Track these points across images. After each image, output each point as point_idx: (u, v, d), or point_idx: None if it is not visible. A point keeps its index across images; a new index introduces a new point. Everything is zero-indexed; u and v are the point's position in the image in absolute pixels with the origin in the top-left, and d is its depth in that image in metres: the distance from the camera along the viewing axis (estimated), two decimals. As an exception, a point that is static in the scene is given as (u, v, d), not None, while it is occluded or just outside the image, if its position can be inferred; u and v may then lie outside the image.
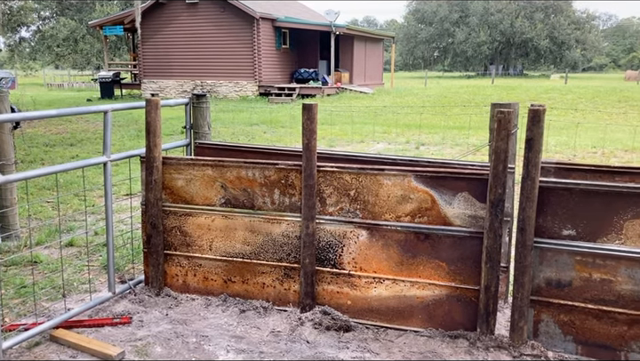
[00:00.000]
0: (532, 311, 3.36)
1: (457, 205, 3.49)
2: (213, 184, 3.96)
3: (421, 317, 3.63)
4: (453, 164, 3.91)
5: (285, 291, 3.93)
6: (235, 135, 13.44)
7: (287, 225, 3.84)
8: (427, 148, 11.62)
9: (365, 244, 3.70)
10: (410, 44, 67.19)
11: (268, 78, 25.67)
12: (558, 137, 12.44)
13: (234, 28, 25.27)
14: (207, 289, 4.10)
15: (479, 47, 61.14)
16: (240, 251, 3.97)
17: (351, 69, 28.10)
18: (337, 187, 3.71)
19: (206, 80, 26.44)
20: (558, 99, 21.83)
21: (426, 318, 3.62)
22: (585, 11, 66.81)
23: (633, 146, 11.17)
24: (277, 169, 3.80)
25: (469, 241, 3.47)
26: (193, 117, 4.60)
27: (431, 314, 3.61)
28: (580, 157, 10.15)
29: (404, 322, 3.67)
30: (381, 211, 3.64)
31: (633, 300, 3.14)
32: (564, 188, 3.21)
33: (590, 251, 3.19)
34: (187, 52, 26.48)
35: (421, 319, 3.63)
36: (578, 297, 3.25)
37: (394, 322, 3.68)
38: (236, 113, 18.52)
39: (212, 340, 3.50)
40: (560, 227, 3.25)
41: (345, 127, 14.65)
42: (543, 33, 59.36)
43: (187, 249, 4.10)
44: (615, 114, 17.78)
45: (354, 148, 11.47)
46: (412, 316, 3.65)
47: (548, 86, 28.42)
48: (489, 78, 43.84)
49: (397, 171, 3.59)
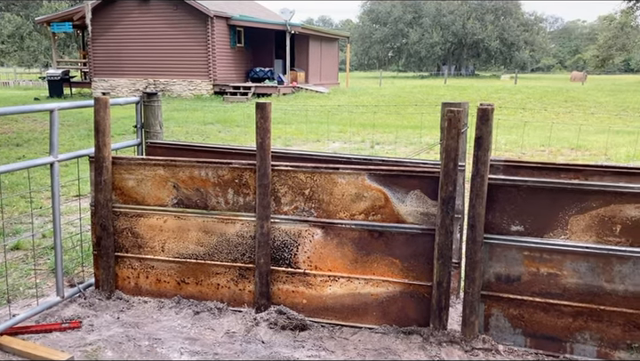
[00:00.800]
0: (482, 306, 3.44)
1: (409, 203, 3.54)
2: (165, 184, 3.90)
3: (376, 314, 3.66)
4: (406, 163, 3.96)
5: (240, 291, 3.89)
6: (189, 134, 13.25)
7: (241, 225, 3.81)
8: (381, 147, 11.75)
9: (320, 243, 3.70)
10: (365, 44, 67.80)
11: (222, 77, 25.41)
12: (508, 136, 12.78)
13: (187, 26, 24.91)
14: (160, 291, 4.03)
15: (432, 48, 62.25)
16: (193, 252, 3.92)
17: (307, 69, 28.13)
18: (292, 186, 3.71)
19: (159, 78, 25.97)
20: (508, 98, 22.45)
21: (380, 315, 3.66)
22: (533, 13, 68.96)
23: (578, 144, 11.60)
24: (231, 168, 3.77)
25: (422, 238, 3.53)
26: (144, 116, 4.51)
27: (385, 311, 3.65)
28: (528, 155, 10.46)
29: (358, 319, 3.69)
30: (336, 209, 3.66)
31: (577, 293, 3.25)
32: (511, 185, 3.30)
33: (538, 246, 3.29)
34: (139, 50, 25.94)
35: (376, 316, 3.67)
36: (526, 291, 3.35)
37: (349, 319, 3.71)
38: (190, 112, 18.25)
39: (165, 343, 3.44)
40: (509, 223, 3.34)
41: (301, 126, 14.65)
42: (493, 34, 60.93)
43: (138, 251, 4.01)
44: (562, 113, 18.41)
45: (310, 147, 11.49)
46: (367, 314, 3.68)
47: (499, 86, 29.19)
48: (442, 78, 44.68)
49: (351, 169, 3.62)
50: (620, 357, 3.22)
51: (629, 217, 3.11)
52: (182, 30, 25.03)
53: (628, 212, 3.11)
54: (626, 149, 10.86)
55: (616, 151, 10.81)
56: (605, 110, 19.20)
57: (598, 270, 3.19)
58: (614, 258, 3.15)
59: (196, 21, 24.63)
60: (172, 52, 25.44)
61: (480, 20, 61.57)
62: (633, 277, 3.13)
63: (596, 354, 3.27)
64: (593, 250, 3.18)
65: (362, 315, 3.69)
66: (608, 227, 3.15)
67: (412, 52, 64.64)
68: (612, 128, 14.34)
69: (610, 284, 3.18)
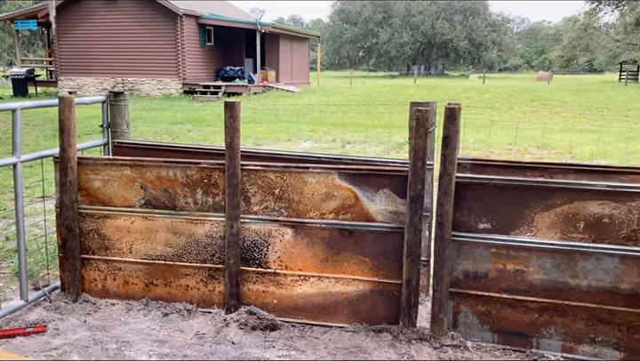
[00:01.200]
0: (451, 303, 3.48)
1: (379, 202, 3.56)
2: (132, 185, 3.84)
3: (346, 313, 3.68)
4: (376, 162, 3.98)
5: (210, 292, 3.86)
6: (158, 134, 13.08)
7: (211, 225, 3.78)
8: (352, 146, 11.79)
9: (291, 243, 3.70)
10: (335, 43, 67.97)
11: (192, 76, 25.16)
12: (476, 134, 12.97)
13: (156, 25, 24.58)
14: (128, 293, 3.96)
15: (402, 48, 62.77)
16: (162, 253, 3.87)
17: (277, 68, 28.06)
18: (261, 185, 3.69)
19: (128, 77, 25.57)
20: (476, 98, 22.77)
21: (350, 314, 3.67)
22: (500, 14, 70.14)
23: (544, 143, 11.83)
24: (200, 168, 3.73)
25: (391, 236, 3.55)
26: (111, 116, 4.43)
27: (355, 309, 3.66)
28: (496, 154, 10.63)
29: (329, 318, 3.70)
30: (306, 209, 3.66)
31: (543, 289, 3.32)
32: (478, 183, 3.35)
33: (504, 243, 3.34)
34: (107, 48, 25.49)
35: (346, 315, 3.68)
36: (493, 288, 3.40)
37: (319, 319, 3.71)
38: (159, 111, 18.03)
39: (133, 346, 3.39)
40: (476, 220, 3.39)
41: (272, 126, 14.60)
42: (462, 34, 61.76)
43: (105, 252, 3.94)
44: (528, 112, 18.76)
45: (281, 146, 11.46)
46: (337, 313, 3.69)
47: (467, 86, 29.59)
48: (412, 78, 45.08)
49: (321, 169, 3.62)
50: (584, 351, 3.30)
51: (592, 214, 3.18)
52: (151, 29, 24.70)
53: (590, 209, 3.18)
54: (590, 148, 11.13)
55: (580, 149, 11.07)
56: (570, 109, 19.64)
57: (563, 266, 3.26)
58: (578, 254, 3.23)
59: (165, 20, 24.33)
60: (141, 50, 25.07)
61: (449, 21, 62.35)
62: (596, 273, 3.21)
63: (561, 348, 3.34)
64: (558, 246, 3.25)
65: (332, 314, 3.69)
66: (572, 223, 3.22)
67: (383, 52, 65.08)
68: (576, 127, 14.68)
69: (574, 279, 3.25)
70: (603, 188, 3.14)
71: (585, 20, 45.52)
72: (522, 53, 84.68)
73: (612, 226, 3.16)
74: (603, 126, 13.94)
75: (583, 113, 18.74)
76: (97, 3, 25.00)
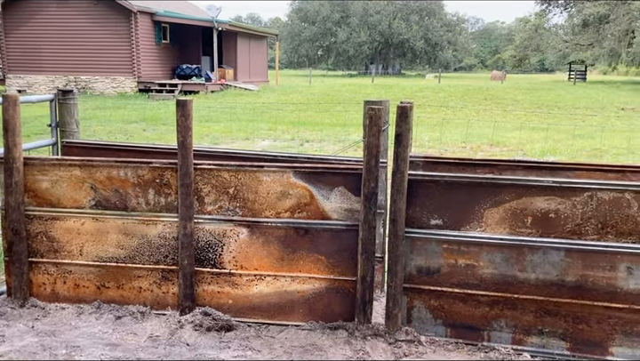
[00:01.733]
0: (405, 299, 3.53)
1: (334, 200, 3.58)
2: (82, 185, 3.74)
3: (302, 311, 3.68)
4: (331, 160, 4.00)
5: (164, 294, 3.80)
6: (112, 134, 12.79)
7: (164, 226, 3.72)
8: (311, 144, 11.81)
9: (246, 242, 3.68)
10: (294, 42, 67.87)
11: (147, 74, 24.70)
12: (431, 133, 13.19)
13: (109, 22, 24.02)
14: (79, 297, 3.86)
15: (360, 47, 63.21)
16: (114, 255, 3.79)
17: (235, 66, 27.85)
18: (215, 185, 3.66)
19: (81, 76, 24.92)
20: (432, 97, 23.15)
21: (307, 312, 3.68)
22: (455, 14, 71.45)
23: (496, 140, 12.13)
24: (151, 168, 3.67)
25: (346, 234, 3.57)
26: (59, 115, 4.31)
27: (312, 307, 3.67)
28: (450, 152, 10.83)
29: (285, 317, 3.70)
30: (261, 208, 3.64)
31: (493, 283, 3.40)
32: (430, 180, 3.40)
33: (456, 238, 3.41)
34: (58, 45, 24.75)
35: (302, 313, 3.68)
36: (446, 282, 3.46)
37: (275, 318, 3.70)
38: (113, 110, 17.63)
39: (84, 351, 3.31)
40: (428, 217, 3.45)
41: (230, 124, 14.48)
42: (418, 34, 62.64)
43: (54, 255, 3.83)
44: (482, 110, 19.19)
45: (239, 145, 11.38)
46: (294, 311, 3.69)
47: (423, 85, 30.05)
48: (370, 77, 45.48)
49: (276, 167, 3.61)
50: (533, 342, 3.40)
51: (539, 209, 3.28)
52: (104, 26, 24.12)
53: (538, 205, 3.28)
54: (540, 145, 11.47)
55: (531, 147, 11.39)
56: (522, 108, 20.19)
57: (512, 260, 3.35)
58: (526, 248, 3.32)
59: (119, 17, 23.80)
60: (94, 48, 24.46)
61: (405, 21, 63.13)
62: (543, 266, 3.31)
63: (511, 340, 3.43)
64: (506, 241, 3.34)
65: (288, 312, 3.69)
66: (520, 219, 3.32)
67: (341, 51, 65.38)
68: (527, 125, 15.11)
69: (522, 273, 3.35)
70: (549, 184, 3.24)
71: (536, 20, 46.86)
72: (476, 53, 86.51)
73: (557, 220, 3.27)
74: (552, 124, 14.40)
75: (534, 111, 19.29)
76: (47, -2, 24.25)
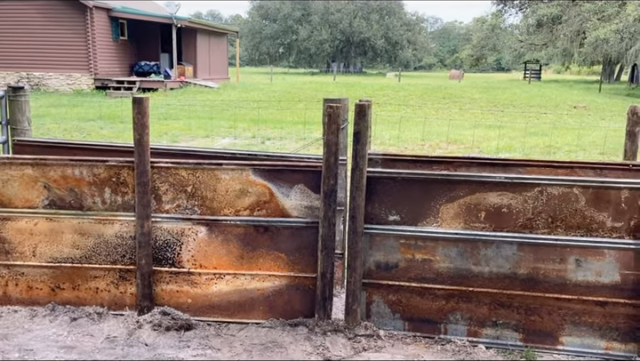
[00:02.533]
0: (364, 294, 3.58)
1: (294, 197, 3.59)
2: (35, 184, 3.65)
3: (262, 309, 3.69)
4: (291, 158, 4.01)
5: (121, 294, 3.75)
6: (67, 132, 12.47)
7: (120, 225, 3.66)
8: (272, 142, 11.78)
9: (205, 241, 3.66)
10: (255, 39, 67.47)
11: (105, 71, 24.16)
12: (392, 131, 13.33)
13: (64, 17, 23.36)
14: (32, 299, 3.77)
15: (321, 45, 63.31)
16: (69, 255, 3.71)
17: (195, 63, 27.49)
18: (173, 183, 3.62)
19: (34, 72, 24.16)
20: (392, 95, 23.39)
21: (267, 309, 3.69)
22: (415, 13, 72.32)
23: (454, 138, 12.36)
24: (107, 166, 3.61)
25: (306, 231, 3.60)
26: (10, 112, 4.19)
27: (272, 305, 3.68)
28: (410, 149, 10.99)
29: (245, 315, 3.70)
30: (220, 206, 3.63)
31: (449, 277, 3.48)
32: (388, 177, 3.46)
33: (413, 234, 3.48)
34: (9, 40, 23.92)
35: (262, 311, 3.69)
36: (403, 277, 3.53)
37: (235, 316, 3.70)
38: (69, 108, 17.18)
39: (37, 354, 3.23)
40: (386, 213, 3.50)
41: (189, 122, 14.30)
42: (379, 33, 63.15)
43: (6, 257, 3.73)
44: (441, 109, 19.51)
45: (198, 143, 11.26)
46: (254, 309, 3.69)
47: (384, 84, 30.33)
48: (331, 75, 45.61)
49: (235, 165, 3.60)
50: (487, 334, 3.49)
51: (492, 204, 3.38)
52: (58, 21, 23.44)
53: (490, 200, 3.38)
54: (496, 143, 11.74)
55: (487, 144, 11.66)
56: (479, 106, 20.61)
57: (467, 255, 3.44)
58: (480, 242, 3.41)
59: (74, 12, 23.18)
60: (48, 43, 23.74)
61: (366, 19, 63.54)
62: (496, 260, 3.41)
63: (467, 333, 3.52)
64: (461, 235, 3.42)
65: (248, 310, 3.69)
66: (474, 214, 3.40)
67: (302, 49, 65.36)
68: (484, 123, 15.44)
69: (477, 266, 3.44)
70: (501, 180, 3.34)
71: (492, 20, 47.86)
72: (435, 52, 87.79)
73: (510, 215, 3.37)
74: (508, 122, 14.76)
75: (490, 109, 19.73)
76: (-3, -8, 23.44)
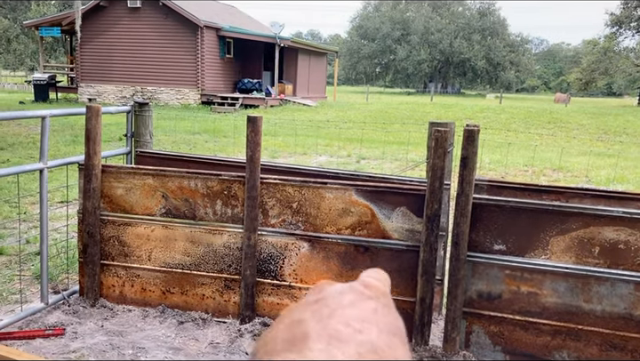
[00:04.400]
0: (464, 323, 3.50)
1: (395, 219, 3.60)
2: (154, 193, 3.92)
3: (359, 329, 3.70)
4: (393, 180, 4.03)
5: (225, 302, 3.92)
6: (176, 144, 13.24)
7: (229, 236, 3.85)
8: (367, 162, 11.84)
9: (306, 256, 3.75)
10: (353, 58, 68.26)
11: (210, 87, 25.44)
12: (492, 155, 12.96)
13: (177, 35, 24.94)
14: (145, 300, 4.04)
15: (419, 65, 62.89)
16: (180, 261, 3.94)
17: (295, 82, 28.28)
18: (280, 199, 3.76)
19: (147, 86, 25.91)
20: (493, 118, 22.75)
21: (364, 329, 3.70)
22: (519, 34, 70.01)
23: (560, 165, 11.79)
24: (220, 180, 3.81)
25: (406, 254, 3.59)
26: (135, 125, 4.54)
27: (369, 325, 3.69)
28: (512, 175, 10.62)
29: (342, 333, 3.73)
30: (323, 223, 3.71)
31: (556, 312, 3.33)
32: (495, 204, 3.38)
33: (519, 265, 3.37)
34: (127, 57, 25.88)
35: (359, 330, 3.70)
36: (507, 309, 3.42)
37: (332, 333, 3.74)
38: (177, 121, 18.23)
39: (148, 352, 3.45)
40: (491, 241, 3.42)
41: (288, 139, 14.71)
42: (480, 54, 61.76)
43: (124, 259, 4.03)
44: (545, 135, 18.70)
45: (296, 159, 11.54)
46: (351, 328, 3.72)
47: (484, 105, 29.56)
48: (428, 95, 45.12)
49: (339, 185, 3.68)
50: (597, 376, 3.30)
51: (607, 239, 3.20)
52: (172, 39, 25.06)
53: (606, 235, 3.21)
54: (606, 172, 11.07)
55: (597, 173, 11.02)
56: (587, 132, 19.55)
57: (577, 290, 3.28)
58: (592, 279, 3.24)
59: (186, 31, 24.68)
60: (161, 60, 25.43)
61: (467, 40, 62.42)
62: (610, 298, 3.22)
63: (573, 372, 3.34)
64: (572, 270, 3.27)
65: (345, 328, 3.72)
66: (587, 248, 3.25)
67: (400, 69, 65.25)
68: (593, 150, 14.61)
69: (588, 304, 3.27)
70: (619, 215, 3.16)
71: (605, 43, 45.38)
72: (540, 74, 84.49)
73: (627, 252, 3.18)
74: (620, 151, 13.88)
75: (600, 136, 18.65)
76: (120, 12, 25.45)
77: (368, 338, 0.36)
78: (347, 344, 0.35)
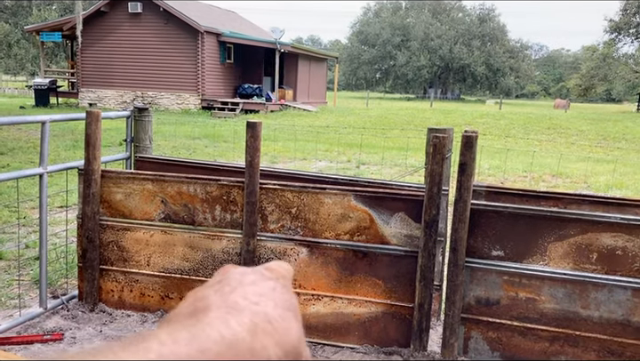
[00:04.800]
0: (462, 328, 3.51)
1: (394, 225, 3.61)
2: (153, 199, 3.93)
3: (358, 334, 3.71)
4: (392, 185, 4.04)
5: (224, 307, 3.92)
6: (176, 149, 13.25)
7: (228, 241, 3.85)
8: (367, 167, 11.86)
9: (305, 262, 3.76)
10: (353, 64, 68.43)
11: (211, 92, 25.49)
12: (491, 161, 12.98)
13: (177, 41, 25.01)
14: (144, 305, 4.04)
15: (419, 71, 63.04)
16: (179, 267, 3.95)
17: (295, 87, 28.34)
18: (279, 204, 3.77)
19: (147, 91, 25.96)
20: (492, 124, 22.78)
21: (362, 335, 3.71)
22: (519, 40, 70.20)
23: (559, 171, 11.81)
24: (219, 185, 3.82)
25: (405, 260, 3.60)
26: (134, 131, 4.55)
27: (367, 330, 3.70)
28: (511, 181, 10.63)
29: (340, 338, 3.74)
30: (322, 229, 3.72)
31: (554, 318, 3.34)
32: (493, 210, 3.39)
33: (517, 271, 3.38)
34: (128, 62, 25.94)
35: (358, 336, 3.71)
36: (505, 315, 3.42)
37: (331, 338, 3.75)
38: (177, 126, 18.26)
39: (147, 358, 3.45)
40: (490, 247, 3.43)
41: (288, 144, 14.73)
42: (480, 60, 61.93)
43: (123, 264, 4.03)
44: (545, 141, 18.73)
45: (296, 165, 11.56)
46: (349, 333, 3.73)
47: (483, 111, 29.60)
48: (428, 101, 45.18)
49: (338, 190, 3.69)
50: (595, 382, 3.30)
51: (605, 245, 3.21)
52: (172, 44, 25.13)
53: (604, 241, 3.21)
54: (605, 178, 11.09)
55: (596, 179, 11.03)
56: (587, 138, 19.58)
57: (575, 296, 3.28)
58: (590, 285, 3.25)
59: (187, 36, 24.74)
60: (162, 65, 25.48)
61: (467, 46, 62.58)
62: (608, 304, 3.23)
63: (572, 378, 3.34)
64: (570, 276, 3.28)
65: (344, 334, 3.73)
66: (585, 254, 3.25)
67: (400, 74, 65.39)
68: (592, 156, 14.63)
69: (585, 310, 3.27)
70: (617, 221, 3.17)
71: (604, 49, 45.51)
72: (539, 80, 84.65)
73: (624, 258, 3.19)
74: (619, 157, 13.89)
75: (600, 142, 18.68)
76: (121, 17, 25.53)
77: (263, 309, 0.39)
78: (242, 313, 0.38)
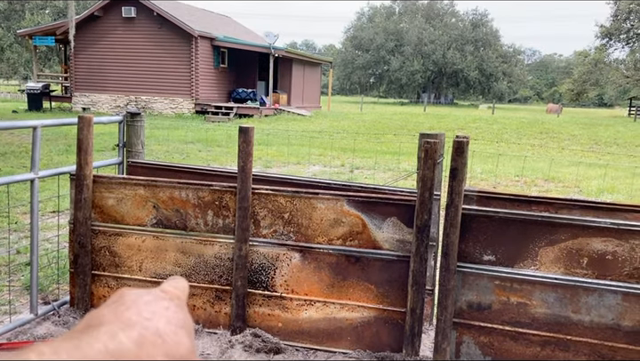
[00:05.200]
0: (454, 333, 3.51)
1: (386, 230, 3.62)
2: (145, 204, 3.92)
3: (350, 339, 3.71)
4: (384, 190, 4.05)
5: (216, 313, 3.91)
6: (169, 153, 13.23)
7: (220, 247, 3.85)
8: (360, 171, 11.87)
9: (298, 267, 3.76)
10: (347, 69, 68.62)
11: (205, 96, 25.48)
12: (484, 165, 13.02)
13: (171, 45, 25.00)
14: (136, 311, 4.02)
15: (413, 75, 63.28)
16: (171, 272, 3.94)
17: (289, 91, 28.37)
18: (271, 209, 3.77)
19: (141, 96, 25.92)
20: (485, 128, 22.87)
21: (354, 340, 3.71)
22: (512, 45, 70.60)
23: (551, 175, 11.87)
24: (211, 190, 3.82)
25: (397, 264, 3.60)
26: (127, 135, 4.54)
27: (359, 335, 3.70)
28: (503, 185, 10.67)
29: (333, 343, 3.74)
30: (314, 234, 3.72)
31: (546, 323, 3.35)
32: (484, 215, 3.41)
33: (508, 275, 3.39)
34: (122, 66, 25.90)
35: (350, 341, 3.71)
36: (496, 319, 3.43)
37: (323, 344, 3.75)
38: (171, 130, 18.23)
39: (139, 364, 3.43)
40: (481, 252, 3.44)
41: (282, 148, 14.73)
42: (473, 64, 62.24)
43: (115, 270, 4.02)
44: (537, 145, 18.81)
45: (290, 169, 11.56)
46: (342, 338, 3.73)
47: (476, 116, 29.72)
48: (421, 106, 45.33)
49: (331, 195, 3.69)
50: (586, 387, 3.31)
51: (596, 250, 3.23)
52: (166, 49, 25.11)
53: (594, 246, 3.23)
54: (597, 182, 11.15)
55: (588, 184, 11.09)
56: (579, 143, 19.69)
57: (566, 301, 3.30)
58: (581, 289, 3.26)
59: (181, 41, 24.74)
60: (155, 69, 25.46)
61: (460, 51, 62.90)
62: (598, 309, 3.24)
63: (563, 383, 3.35)
64: (561, 281, 3.29)
65: (336, 339, 3.73)
66: (576, 259, 3.27)
67: (393, 79, 65.63)
68: (584, 161, 14.72)
69: (576, 314, 3.29)
70: (607, 225, 3.19)
71: (595, 55, 45.84)
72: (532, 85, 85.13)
73: (615, 263, 3.21)
74: (611, 161, 13.98)
75: (592, 147, 18.78)
76: (114, 22, 25.50)
77: (155, 325, 0.40)
78: (133, 327, 0.38)
